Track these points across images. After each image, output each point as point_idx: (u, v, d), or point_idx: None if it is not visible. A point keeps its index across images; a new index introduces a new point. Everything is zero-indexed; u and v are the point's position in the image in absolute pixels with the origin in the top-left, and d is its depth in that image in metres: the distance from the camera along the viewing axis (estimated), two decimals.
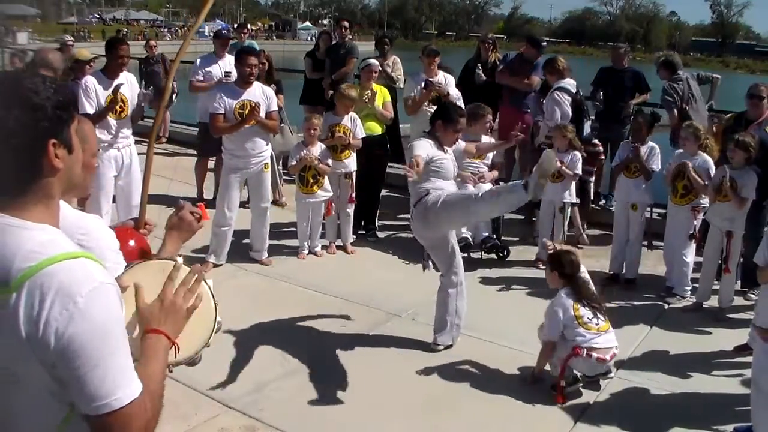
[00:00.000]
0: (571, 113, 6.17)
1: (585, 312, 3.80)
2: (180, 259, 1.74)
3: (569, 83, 6.28)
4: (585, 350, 3.73)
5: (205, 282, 1.68)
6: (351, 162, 6.02)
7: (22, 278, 1.19)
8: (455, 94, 6.68)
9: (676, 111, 6.43)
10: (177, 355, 1.52)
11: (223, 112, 5.33)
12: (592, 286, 3.96)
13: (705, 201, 5.13)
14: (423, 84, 6.62)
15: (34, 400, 1.25)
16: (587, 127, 6.42)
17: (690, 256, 5.22)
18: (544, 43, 7.99)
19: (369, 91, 6.36)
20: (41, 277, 1.19)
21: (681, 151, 5.34)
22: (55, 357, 1.19)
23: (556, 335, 3.82)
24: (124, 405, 1.21)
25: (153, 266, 1.67)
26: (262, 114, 5.36)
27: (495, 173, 6.22)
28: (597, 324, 3.79)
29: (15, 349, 1.20)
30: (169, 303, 1.50)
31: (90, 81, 5.23)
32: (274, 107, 5.55)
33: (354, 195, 6.06)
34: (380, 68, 7.00)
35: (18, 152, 1.25)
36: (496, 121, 7.78)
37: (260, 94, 5.42)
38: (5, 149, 1.24)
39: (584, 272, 4.00)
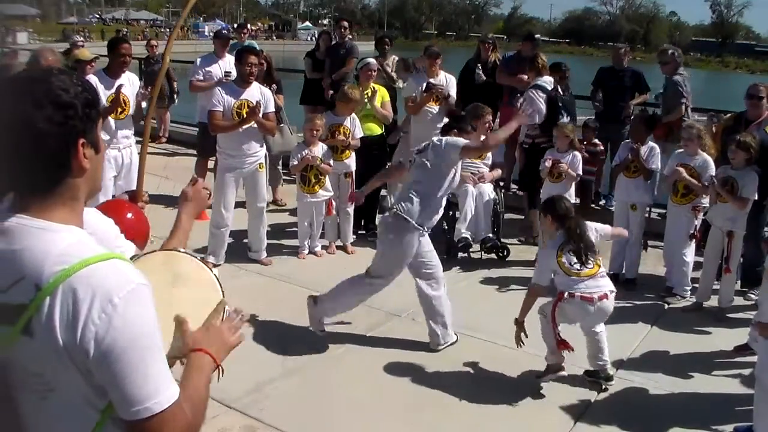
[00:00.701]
0: (545, 110, 6.13)
1: (567, 257, 3.78)
2: (182, 250, 1.74)
3: (546, 81, 6.25)
4: (567, 294, 3.73)
5: (211, 271, 1.68)
6: (351, 162, 6.03)
7: (55, 282, 1.15)
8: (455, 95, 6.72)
9: (683, 107, 6.50)
10: (217, 373, 1.52)
11: (221, 109, 5.33)
12: (584, 230, 3.88)
13: (705, 201, 5.13)
14: (424, 86, 6.64)
15: (66, 408, 1.22)
16: None
17: (690, 255, 5.22)
18: (537, 35, 8.16)
19: (369, 91, 6.36)
20: (75, 280, 1.15)
21: (680, 150, 5.33)
22: (94, 362, 1.16)
23: (542, 280, 3.86)
24: (163, 408, 1.19)
25: (156, 258, 1.66)
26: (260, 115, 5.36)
27: (497, 172, 6.21)
28: (579, 269, 3.75)
29: (50, 356, 1.17)
30: (215, 330, 1.51)
31: (92, 80, 5.22)
32: (272, 108, 5.54)
33: (354, 194, 6.06)
34: (380, 68, 7.01)
35: (48, 152, 1.22)
36: (496, 121, 7.80)
37: (258, 94, 5.43)
38: (36, 149, 1.21)
39: (585, 225, 3.94)
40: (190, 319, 1.55)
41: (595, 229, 4.01)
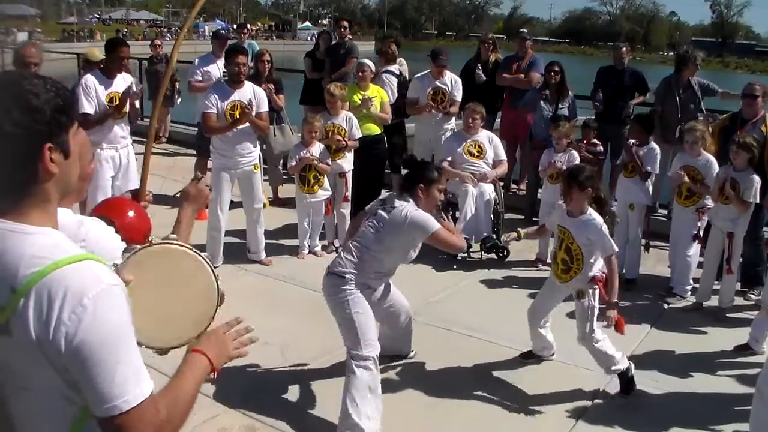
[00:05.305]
0: (396, 92, 6.91)
1: None
2: (174, 236, 1.75)
3: (395, 67, 7.10)
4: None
5: (203, 259, 1.71)
6: (345, 162, 6.02)
7: (29, 283, 1.19)
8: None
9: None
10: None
11: (215, 111, 5.32)
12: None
13: (710, 202, 5.11)
14: (429, 90, 6.67)
15: (45, 405, 1.25)
16: None
17: (694, 256, 5.22)
18: (523, 30, 8.58)
19: (369, 92, 6.35)
20: (49, 281, 1.19)
21: (683, 152, 5.32)
22: (67, 360, 1.19)
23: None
24: (133, 406, 1.21)
25: (155, 250, 1.68)
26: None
27: (502, 169, 6.18)
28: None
29: (27, 355, 1.20)
30: (219, 337, 1.56)
31: (90, 80, 5.20)
32: (264, 108, 5.53)
33: (349, 194, 6.04)
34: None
35: (13, 155, 1.24)
36: (498, 122, 7.82)
37: (250, 94, 5.41)
38: (3, 152, 1.23)
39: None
40: (180, 313, 1.58)
41: None
